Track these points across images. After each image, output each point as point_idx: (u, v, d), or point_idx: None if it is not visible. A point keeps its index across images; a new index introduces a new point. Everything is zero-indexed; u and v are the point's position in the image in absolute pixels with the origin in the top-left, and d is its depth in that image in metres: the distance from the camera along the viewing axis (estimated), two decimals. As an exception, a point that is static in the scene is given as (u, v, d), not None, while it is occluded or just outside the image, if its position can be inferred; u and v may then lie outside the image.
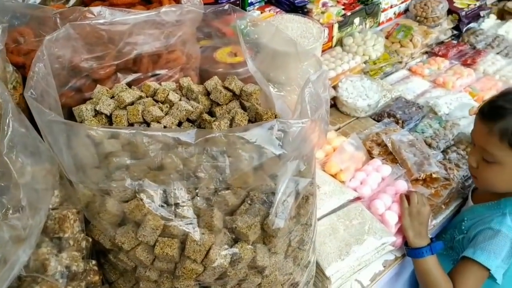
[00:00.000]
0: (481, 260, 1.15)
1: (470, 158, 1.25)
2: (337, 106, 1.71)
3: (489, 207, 1.28)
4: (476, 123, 1.22)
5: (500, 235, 1.17)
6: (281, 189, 0.71)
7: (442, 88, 1.81)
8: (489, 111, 1.17)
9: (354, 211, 1.29)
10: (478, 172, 1.23)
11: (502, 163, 1.15)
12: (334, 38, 1.86)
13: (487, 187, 1.26)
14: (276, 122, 0.65)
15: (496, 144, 1.13)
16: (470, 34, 2.12)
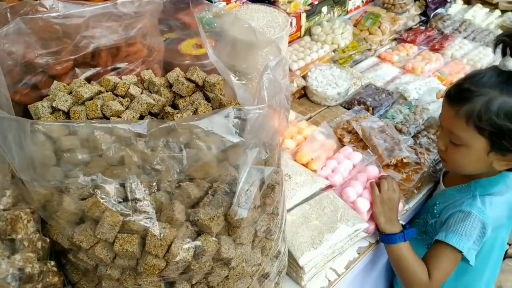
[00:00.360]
0: (453, 243, 1.16)
1: (438, 141, 1.26)
2: (308, 96, 1.71)
3: (459, 189, 1.29)
4: (443, 106, 1.22)
5: (471, 217, 1.18)
6: (243, 178, 0.70)
7: (411, 73, 1.82)
8: (455, 94, 1.16)
9: (326, 200, 1.28)
10: (446, 155, 1.23)
11: (468, 146, 1.15)
12: (302, 28, 1.84)
13: (455, 170, 1.27)
14: (232, 109, 0.63)
15: (463, 126, 1.13)
16: (438, 20, 2.13)
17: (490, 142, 1.11)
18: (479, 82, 1.12)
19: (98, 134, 0.63)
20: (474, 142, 1.13)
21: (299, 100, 1.71)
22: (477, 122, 1.09)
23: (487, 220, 1.17)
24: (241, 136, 0.64)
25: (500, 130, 1.08)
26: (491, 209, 1.20)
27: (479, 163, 1.18)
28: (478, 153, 1.14)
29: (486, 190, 1.23)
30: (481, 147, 1.13)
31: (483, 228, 1.17)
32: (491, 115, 1.07)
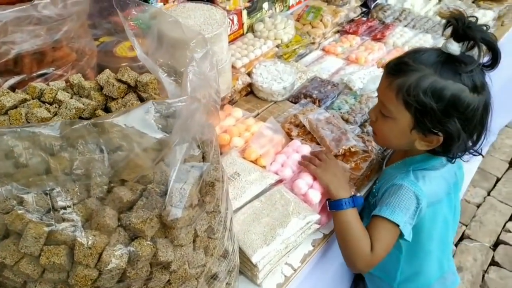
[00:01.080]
0: (386, 215, 1.15)
1: (370, 111, 1.26)
2: (254, 93, 1.69)
3: (395, 167, 1.30)
4: (381, 79, 1.22)
5: (402, 189, 1.18)
6: (173, 176, 0.67)
7: (355, 64, 1.85)
8: (393, 66, 1.17)
9: (276, 195, 1.27)
10: (376, 126, 1.24)
11: (395, 119, 1.16)
12: (244, 25, 1.83)
13: (383, 142, 1.30)
14: (152, 104, 0.60)
15: (392, 98, 1.13)
16: (379, 10, 2.18)
17: (414, 119, 1.12)
18: (418, 58, 1.12)
19: (10, 141, 0.59)
20: (400, 116, 1.14)
21: (246, 97, 1.70)
22: (406, 97, 1.10)
23: (419, 192, 1.17)
24: (165, 131, 0.61)
25: (425, 108, 1.09)
26: (424, 182, 1.19)
27: (403, 139, 1.18)
28: (403, 128, 1.15)
29: (420, 165, 1.24)
30: (406, 123, 1.14)
31: (416, 201, 1.17)
32: (419, 91, 1.08)
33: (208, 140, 0.81)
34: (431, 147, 1.17)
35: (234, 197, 1.24)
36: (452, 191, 1.30)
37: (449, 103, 1.08)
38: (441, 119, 1.10)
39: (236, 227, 1.18)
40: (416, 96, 1.08)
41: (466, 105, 1.08)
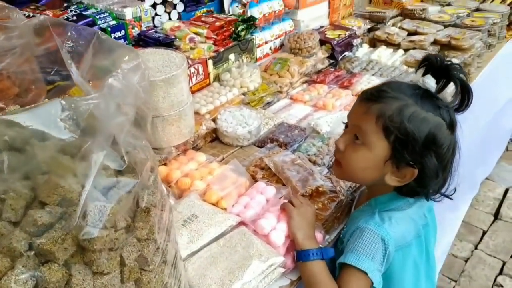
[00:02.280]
0: (352, 262, 1.06)
1: (338, 140, 1.18)
2: (219, 138, 1.65)
3: (362, 210, 1.23)
4: (354, 105, 1.18)
5: (367, 232, 1.09)
6: (87, 187, 0.59)
7: (323, 110, 1.83)
8: (371, 92, 1.13)
9: (237, 236, 1.18)
10: (343, 156, 1.16)
11: (370, 146, 1.09)
12: (210, 75, 1.83)
13: (348, 174, 1.19)
14: (59, 101, 0.55)
15: (371, 124, 1.08)
16: (346, 62, 2.21)
17: (392, 149, 1.07)
18: (397, 88, 1.11)
19: None
20: (377, 144, 1.09)
21: (211, 143, 1.65)
22: (387, 123, 1.06)
23: (385, 235, 1.09)
24: (72, 132, 0.54)
25: (406, 137, 1.04)
26: (390, 225, 1.11)
27: (373, 171, 1.12)
28: (377, 158, 1.10)
29: (385, 206, 1.17)
30: (382, 152, 1.09)
31: (383, 245, 1.09)
32: (403, 118, 1.04)
33: (143, 160, 0.75)
34: (402, 182, 1.11)
35: (190, 240, 1.15)
36: (422, 233, 1.20)
37: (429, 135, 1.05)
38: (421, 151, 1.05)
39: (191, 272, 1.08)
40: (400, 123, 1.05)
41: (443, 140, 1.06)
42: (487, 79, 2.44)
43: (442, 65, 1.09)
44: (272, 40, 2.15)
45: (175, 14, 1.91)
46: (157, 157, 1.44)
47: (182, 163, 1.45)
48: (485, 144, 2.99)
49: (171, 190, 1.37)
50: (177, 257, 0.89)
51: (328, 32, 2.28)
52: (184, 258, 1.11)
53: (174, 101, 1.39)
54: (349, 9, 2.61)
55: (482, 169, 3.29)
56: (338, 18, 2.53)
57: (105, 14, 1.65)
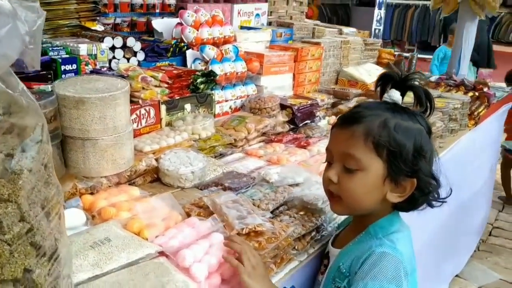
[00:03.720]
0: None
1: (328, 173, 1.11)
2: (160, 179, 1.53)
3: (360, 240, 1.13)
4: (334, 134, 1.15)
5: (386, 257, 1.02)
6: None
7: (277, 164, 1.75)
8: (349, 117, 1.12)
9: (152, 265, 1.02)
10: (340, 188, 1.09)
11: (365, 169, 1.05)
12: (163, 121, 1.77)
13: (352, 205, 1.11)
14: None
15: (361, 146, 1.05)
16: (307, 128, 2.18)
17: (388, 164, 1.06)
18: (372, 107, 1.13)
19: None
20: (371, 164, 1.06)
21: (151, 184, 1.52)
22: (377, 138, 1.04)
23: (403, 258, 1.03)
24: None
25: (398, 149, 1.04)
26: (401, 246, 1.06)
27: (375, 193, 1.08)
28: (375, 179, 1.06)
29: (387, 230, 1.11)
30: (378, 172, 1.06)
31: (403, 268, 1.02)
32: (390, 130, 1.04)
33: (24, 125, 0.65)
34: (404, 196, 1.09)
35: (96, 263, 0.98)
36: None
37: (416, 143, 1.05)
38: (413, 159, 1.05)
39: (87, 296, 0.90)
40: (388, 135, 1.04)
41: (427, 145, 1.08)
42: (451, 162, 2.42)
43: (403, 77, 1.13)
44: (233, 99, 2.14)
45: (134, 61, 1.91)
46: (83, 184, 1.31)
47: (111, 194, 1.31)
48: (453, 236, 2.91)
49: (93, 221, 1.22)
50: (59, 254, 0.74)
51: (290, 99, 2.29)
52: (83, 281, 0.94)
53: (110, 125, 1.30)
54: (314, 86, 2.67)
55: (452, 264, 3.16)
56: (303, 92, 2.56)
57: (60, 47, 1.62)
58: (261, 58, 2.28)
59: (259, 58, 2.28)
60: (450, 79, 3.33)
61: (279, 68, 2.37)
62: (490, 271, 3.41)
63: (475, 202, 3.23)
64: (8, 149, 0.64)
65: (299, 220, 1.35)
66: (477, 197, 3.26)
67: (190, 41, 2.11)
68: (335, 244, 1.25)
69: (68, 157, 1.33)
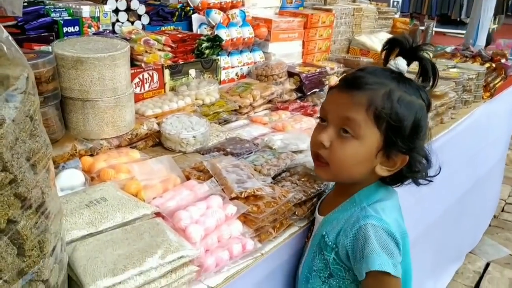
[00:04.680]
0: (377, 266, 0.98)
1: (320, 136, 1.05)
2: (162, 143, 1.52)
3: (343, 209, 1.11)
4: (334, 96, 1.08)
5: (373, 229, 1.00)
6: None
7: (281, 132, 1.72)
8: (354, 80, 1.05)
9: (147, 226, 1.02)
10: (330, 152, 1.05)
11: (361, 138, 1.02)
12: (166, 86, 1.74)
13: (338, 172, 1.08)
14: None
15: (362, 114, 1.01)
16: (315, 97, 2.14)
17: (384, 137, 1.02)
18: (377, 74, 1.07)
19: None
20: (369, 134, 1.02)
21: (152, 148, 1.51)
22: (379, 110, 1.00)
23: (388, 226, 1.02)
24: None
25: (398, 123, 1.00)
26: (385, 215, 1.04)
27: (365, 164, 1.05)
28: (369, 150, 1.03)
29: (372, 198, 1.09)
30: (374, 143, 1.03)
31: (392, 238, 1.01)
32: (393, 104, 1.00)
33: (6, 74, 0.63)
34: (393, 171, 1.07)
35: (90, 221, 0.98)
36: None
37: (416, 119, 1.02)
38: (410, 135, 1.02)
39: (81, 252, 0.90)
40: (390, 109, 1.00)
41: (425, 122, 1.05)
42: (463, 134, 2.36)
43: (413, 46, 1.07)
44: (239, 66, 2.10)
45: (138, 25, 1.87)
46: (82, 146, 1.30)
47: (111, 157, 1.30)
48: (470, 213, 2.86)
49: (92, 182, 1.22)
50: (47, 208, 0.73)
51: (298, 67, 2.24)
52: (77, 238, 0.94)
53: (109, 86, 1.28)
54: (324, 54, 2.61)
55: (468, 240, 3.14)
56: (312, 61, 2.51)
57: (62, 9, 1.60)
58: (269, 23, 2.22)
59: (267, 23, 2.22)
60: (466, 50, 3.22)
61: (288, 35, 2.31)
62: (501, 246, 3.38)
63: (490, 178, 3.16)
64: (-11, 99, 0.63)
65: (301, 187, 1.33)
66: (492, 173, 3.19)
67: (196, 5, 2.06)
68: (320, 211, 1.23)
69: (68, 118, 1.32)
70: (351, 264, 1.05)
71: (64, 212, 0.98)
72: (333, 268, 1.09)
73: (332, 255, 1.08)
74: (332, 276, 1.10)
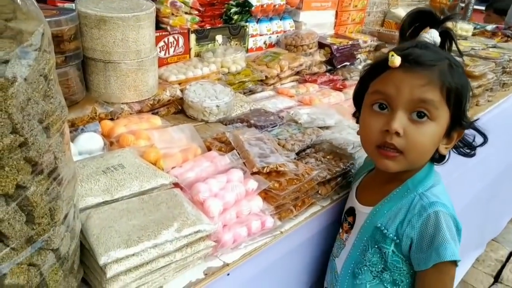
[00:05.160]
0: (449, 257, 0.93)
1: (391, 124, 0.93)
2: (184, 111, 1.47)
3: (397, 197, 1.03)
4: (395, 76, 0.94)
5: (443, 216, 0.95)
6: None
7: (308, 106, 1.65)
8: (418, 59, 0.93)
9: (165, 195, 0.98)
10: (407, 141, 0.94)
11: (436, 118, 0.94)
12: (192, 51, 1.68)
13: (415, 159, 0.98)
14: None
15: (438, 94, 0.92)
16: (345, 71, 2.05)
17: (451, 114, 0.96)
18: (430, 48, 0.97)
19: None
20: (442, 114, 0.95)
21: (174, 115, 1.47)
22: (450, 85, 0.93)
23: (453, 212, 0.98)
24: None
25: (461, 98, 0.95)
26: (446, 199, 1.00)
27: (436, 146, 0.99)
28: (441, 130, 0.97)
29: (425, 183, 1.02)
30: (445, 122, 0.96)
31: (455, 222, 0.97)
32: (456, 78, 0.94)
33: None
34: (450, 147, 1.03)
35: (106, 189, 0.94)
36: None
37: (468, 91, 0.98)
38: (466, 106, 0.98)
39: (95, 220, 0.87)
40: (455, 84, 0.94)
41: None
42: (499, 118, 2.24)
43: (446, 17, 1.03)
44: (268, 34, 2.01)
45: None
46: (103, 109, 1.26)
47: (132, 122, 1.26)
48: (497, 199, 2.76)
49: (111, 147, 1.18)
50: (59, 173, 0.69)
51: (330, 38, 2.14)
52: (91, 205, 0.91)
53: (132, 48, 1.23)
54: (358, 26, 2.49)
55: (491, 227, 3.04)
56: (345, 32, 2.39)
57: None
58: (302, -9, 2.11)
59: (300, -9, 2.11)
60: (508, 29, 3.04)
61: (320, 4, 2.20)
62: (526, 235, 3.28)
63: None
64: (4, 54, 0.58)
65: (326, 164, 1.27)
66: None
67: (226, -32, 1.97)
68: (360, 199, 1.15)
69: (89, 80, 1.28)
70: (410, 254, 0.99)
71: (80, 177, 0.95)
72: (391, 261, 1.02)
73: (391, 248, 1.01)
74: (387, 269, 1.04)
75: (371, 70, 1.03)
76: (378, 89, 0.98)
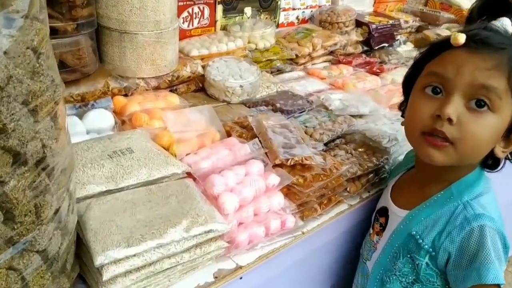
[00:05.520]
0: (492, 280, 0.81)
1: (444, 109, 0.81)
2: (205, 90, 1.35)
3: (438, 203, 0.91)
4: (457, 56, 0.83)
5: (489, 232, 0.83)
6: None
7: (341, 90, 1.51)
8: (486, 40, 0.82)
9: (176, 187, 0.87)
10: (460, 130, 0.82)
11: (497, 110, 0.81)
12: (217, 24, 1.55)
13: (467, 153, 0.85)
14: None
15: (504, 82, 0.79)
16: (383, 53, 1.89)
17: None
18: (497, 32, 0.85)
19: None
20: (505, 107, 0.81)
21: (194, 93, 1.35)
22: None
23: (502, 228, 0.85)
24: None
25: None
26: (494, 212, 0.87)
27: (493, 144, 0.85)
28: (502, 126, 0.83)
29: (474, 191, 0.90)
30: (508, 118, 0.83)
31: (503, 240, 0.85)
32: None
33: None
34: (507, 152, 0.89)
35: (111, 176, 0.85)
36: None
37: None
38: None
39: (95, 211, 0.78)
40: None
41: None
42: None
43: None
44: (301, 8, 1.86)
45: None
46: (116, 83, 1.16)
47: (147, 99, 1.16)
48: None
49: (123, 126, 1.09)
50: (49, 164, 0.59)
51: (368, 16, 1.97)
52: (93, 194, 0.82)
53: (151, 18, 1.11)
54: (399, 5, 2.30)
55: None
56: (385, 10, 2.22)
57: None
58: (341, -37, 1.94)
59: (338, -37, 1.94)
60: None
61: (360, -22, 2.03)
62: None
63: None
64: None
65: (357, 158, 1.15)
66: None
67: None
68: (394, 200, 1.03)
69: (103, 50, 1.18)
70: (446, 270, 0.88)
71: (82, 161, 0.86)
72: (424, 274, 0.91)
73: (425, 260, 0.90)
74: (418, 282, 0.93)
75: (429, 51, 0.90)
76: (434, 70, 0.86)
